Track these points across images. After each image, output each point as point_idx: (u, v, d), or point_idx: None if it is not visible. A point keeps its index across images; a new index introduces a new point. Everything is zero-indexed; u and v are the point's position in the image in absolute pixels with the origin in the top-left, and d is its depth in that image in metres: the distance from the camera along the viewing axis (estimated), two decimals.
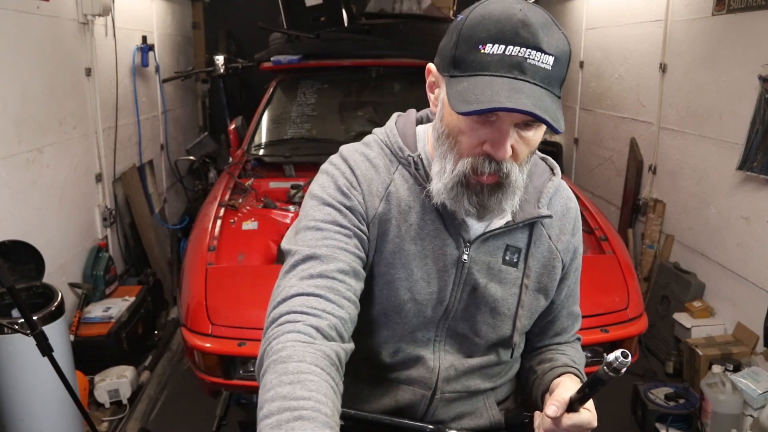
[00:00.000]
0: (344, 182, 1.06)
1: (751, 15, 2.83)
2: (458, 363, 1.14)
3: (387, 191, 1.07)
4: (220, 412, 1.66)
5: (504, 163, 0.96)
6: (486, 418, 1.19)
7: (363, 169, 1.08)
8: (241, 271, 2.39)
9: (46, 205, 2.92)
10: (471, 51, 0.93)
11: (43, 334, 1.93)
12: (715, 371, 2.58)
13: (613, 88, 4.33)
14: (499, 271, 1.11)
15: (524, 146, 0.98)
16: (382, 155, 1.11)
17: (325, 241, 1.01)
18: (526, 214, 1.10)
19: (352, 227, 1.03)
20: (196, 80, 5.68)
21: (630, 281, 2.40)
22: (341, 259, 0.99)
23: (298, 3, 4.11)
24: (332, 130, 3.56)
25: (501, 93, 0.89)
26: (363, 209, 1.06)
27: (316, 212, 1.04)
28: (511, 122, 0.94)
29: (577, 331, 1.28)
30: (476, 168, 0.97)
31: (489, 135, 0.95)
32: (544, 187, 1.13)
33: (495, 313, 1.12)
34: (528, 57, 0.90)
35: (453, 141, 0.99)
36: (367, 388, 1.16)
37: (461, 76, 0.94)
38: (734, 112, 2.97)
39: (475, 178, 0.98)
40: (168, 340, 3.58)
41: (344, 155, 1.10)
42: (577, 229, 1.18)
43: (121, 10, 3.78)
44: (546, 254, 1.14)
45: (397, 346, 1.12)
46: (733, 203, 3.02)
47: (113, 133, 3.69)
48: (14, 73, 2.66)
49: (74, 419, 2.33)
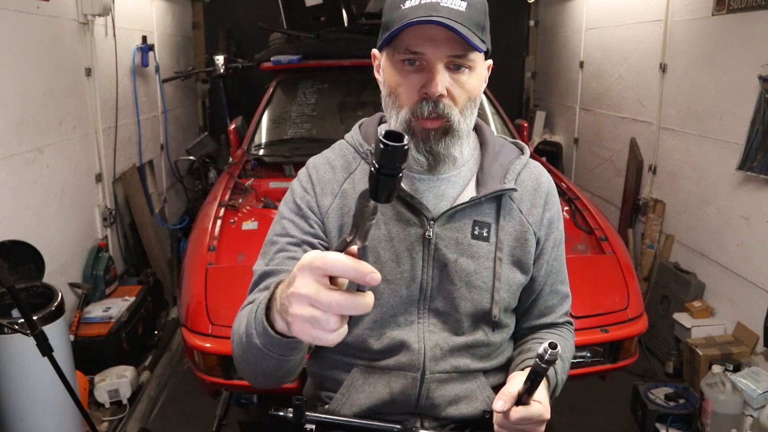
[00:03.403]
0: (300, 192, 1.19)
1: (751, 15, 2.83)
2: (443, 342, 1.16)
3: (341, 188, 1.18)
4: (220, 412, 1.66)
5: (441, 102, 1.05)
6: (482, 401, 1.20)
7: (321, 172, 1.20)
8: (241, 271, 2.38)
9: (46, 205, 2.93)
10: (394, 11, 1.05)
11: (43, 334, 1.93)
12: (715, 371, 2.58)
13: (613, 88, 4.33)
14: (470, 245, 1.15)
15: (460, 89, 1.07)
16: (344, 155, 1.22)
17: (278, 255, 1.14)
18: (489, 189, 1.15)
19: (300, 235, 1.15)
20: (196, 80, 5.68)
21: (630, 281, 2.40)
22: (289, 270, 1.07)
23: (298, 3, 4.11)
24: (332, 130, 3.56)
25: (419, 17, 1.00)
26: (316, 210, 1.17)
27: (275, 227, 1.20)
28: (438, 60, 1.03)
29: (567, 312, 1.29)
30: (415, 111, 1.06)
31: (422, 78, 1.05)
32: (510, 164, 1.20)
33: (471, 287, 1.15)
34: (441, 0, 1.01)
35: (394, 97, 1.09)
36: (362, 379, 1.18)
37: (388, 34, 1.05)
38: (734, 112, 2.97)
39: (419, 124, 1.07)
40: (168, 340, 3.58)
41: (307, 164, 1.25)
42: (551, 204, 1.22)
43: (121, 10, 3.78)
44: (518, 228, 1.18)
45: (381, 331, 1.16)
46: (733, 203, 3.02)
47: (113, 133, 3.69)
48: (14, 73, 2.66)
49: (74, 419, 2.33)
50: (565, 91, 5.25)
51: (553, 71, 5.57)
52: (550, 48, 5.57)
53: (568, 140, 5.25)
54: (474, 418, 1.19)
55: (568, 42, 5.12)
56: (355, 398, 1.18)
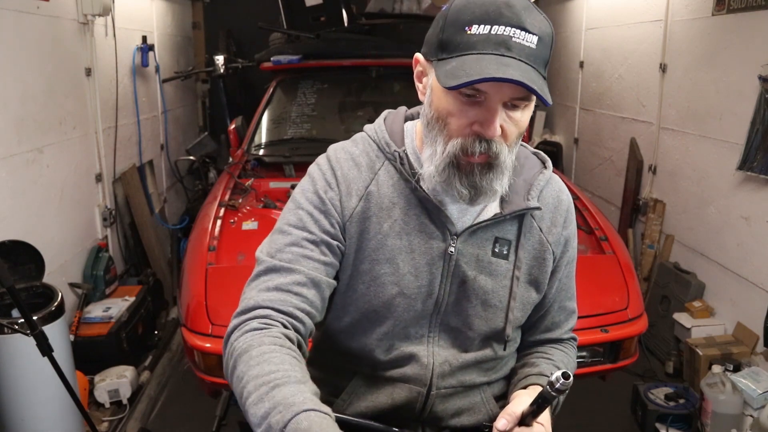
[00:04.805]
0: (323, 184, 1.11)
1: (751, 15, 2.83)
2: (452, 358, 1.14)
3: (367, 190, 1.10)
4: (220, 412, 1.66)
5: (493, 142, 0.98)
6: (485, 413, 1.19)
7: (345, 169, 1.12)
8: (241, 271, 2.37)
9: (46, 205, 2.92)
10: (457, 33, 0.96)
11: (43, 334, 1.93)
12: (715, 371, 2.58)
13: (613, 88, 4.33)
14: (489, 263, 1.12)
15: (513, 126, 1.00)
16: (367, 152, 1.14)
17: (290, 248, 1.06)
18: (514, 206, 1.11)
19: (319, 233, 1.07)
20: (196, 80, 5.68)
21: (630, 281, 2.40)
22: (300, 270, 1.04)
23: (298, 3, 4.11)
24: (332, 130, 3.56)
25: (489, 67, 0.92)
26: (339, 210, 1.09)
27: (290, 216, 1.10)
28: (499, 100, 0.96)
29: (572, 328, 1.27)
30: (466, 148, 0.99)
31: (478, 115, 0.98)
32: (534, 179, 1.14)
33: (486, 306, 1.12)
34: (513, 35, 0.94)
35: (443, 124, 1.01)
36: (364, 386, 1.17)
37: (449, 58, 0.97)
38: (734, 112, 2.97)
39: (466, 159, 1.00)
40: (168, 340, 3.58)
41: (329, 155, 1.15)
42: (569, 221, 1.19)
43: (121, 10, 3.78)
44: (537, 246, 1.15)
45: (390, 343, 1.13)
46: (733, 203, 3.02)
47: (113, 133, 3.69)
48: (14, 73, 2.66)
49: (74, 419, 2.33)
50: (565, 91, 5.25)
51: (553, 71, 5.55)
52: None
53: (568, 140, 5.25)
54: (475, 429, 1.19)
55: (568, 42, 5.12)
56: (356, 405, 1.17)
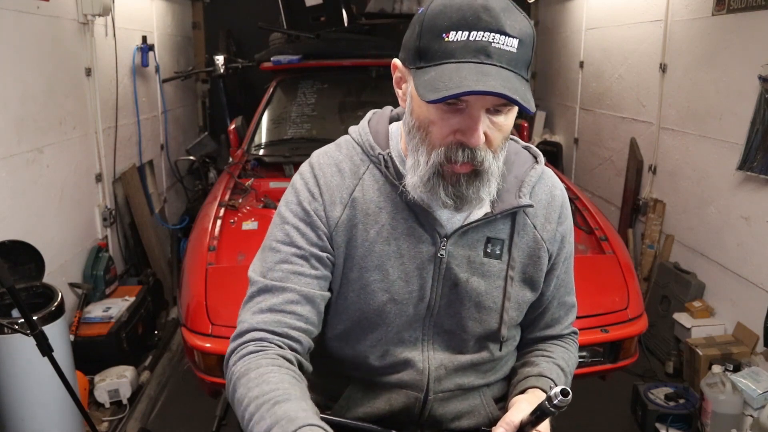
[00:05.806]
0: (306, 195, 1.08)
1: (751, 15, 2.83)
2: (448, 361, 1.13)
3: (351, 197, 1.08)
4: (220, 412, 1.66)
5: (478, 150, 0.96)
6: (485, 415, 1.18)
7: (328, 176, 1.09)
8: (241, 271, 2.36)
9: (46, 205, 2.92)
10: (435, 40, 0.93)
11: (43, 334, 1.93)
12: (715, 371, 2.58)
13: (613, 88, 4.33)
14: (481, 264, 1.10)
15: (497, 132, 0.97)
16: (351, 156, 1.11)
17: (280, 266, 1.06)
18: (505, 205, 1.08)
19: (307, 247, 1.06)
20: (196, 80, 5.68)
21: (630, 281, 2.40)
22: (291, 287, 1.04)
23: (298, 3, 4.12)
24: (332, 130, 3.56)
25: (469, 77, 0.89)
26: (324, 220, 1.07)
27: (277, 232, 1.09)
28: (481, 107, 0.94)
29: (572, 323, 1.25)
30: (450, 157, 0.96)
31: (460, 123, 0.95)
32: (525, 176, 1.11)
33: (480, 308, 1.11)
34: (492, 41, 0.91)
35: (424, 133, 0.98)
36: (361, 392, 1.16)
37: (427, 67, 0.94)
38: (734, 112, 2.97)
39: (450, 168, 0.97)
40: (168, 340, 3.58)
41: (312, 161, 1.13)
42: (564, 217, 1.16)
43: (121, 10, 3.78)
44: (531, 244, 1.12)
45: (385, 348, 1.12)
46: (733, 203, 3.02)
47: (113, 133, 3.69)
48: (14, 73, 2.66)
49: (74, 419, 2.33)
50: (565, 91, 5.25)
51: (553, 71, 5.57)
52: (550, 48, 5.56)
53: (568, 140, 5.25)
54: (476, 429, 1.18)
55: (568, 42, 5.12)
56: (354, 411, 1.16)
